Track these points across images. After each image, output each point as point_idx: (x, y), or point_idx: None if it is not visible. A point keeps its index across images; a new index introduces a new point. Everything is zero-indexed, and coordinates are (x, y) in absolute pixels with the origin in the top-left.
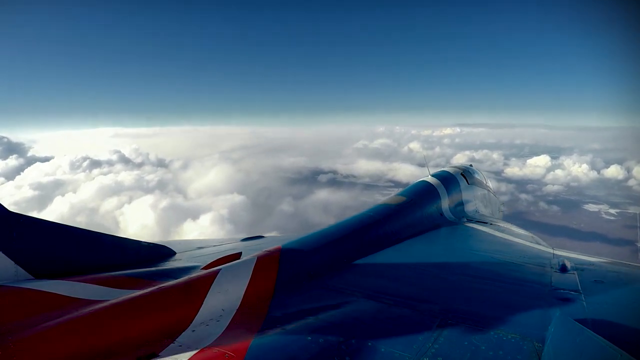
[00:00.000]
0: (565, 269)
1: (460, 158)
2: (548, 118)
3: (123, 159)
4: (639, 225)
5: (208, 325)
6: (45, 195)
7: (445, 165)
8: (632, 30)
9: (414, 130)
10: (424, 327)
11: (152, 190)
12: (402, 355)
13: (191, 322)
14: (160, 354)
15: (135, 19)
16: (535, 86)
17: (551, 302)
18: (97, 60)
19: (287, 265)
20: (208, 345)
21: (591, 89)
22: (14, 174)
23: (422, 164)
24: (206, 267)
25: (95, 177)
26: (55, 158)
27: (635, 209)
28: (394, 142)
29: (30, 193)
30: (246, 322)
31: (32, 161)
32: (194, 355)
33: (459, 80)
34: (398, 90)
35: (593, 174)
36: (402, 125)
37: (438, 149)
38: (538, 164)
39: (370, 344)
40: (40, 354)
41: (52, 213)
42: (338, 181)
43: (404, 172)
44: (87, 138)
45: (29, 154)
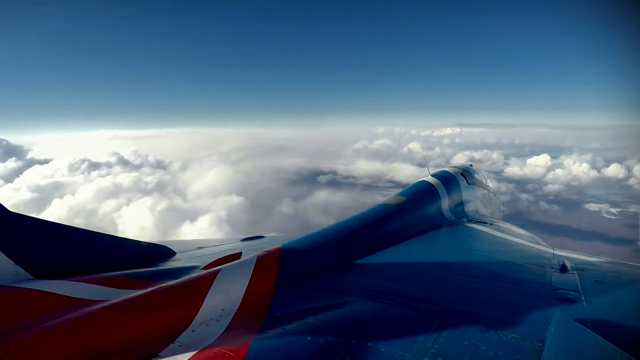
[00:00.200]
0: (565, 269)
1: (460, 158)
2: (548, 117)
3: (122, 161)
4: None
5: (208, 325)
6: (44, 197)
7: (445, 165)
8: (632, 29)
9: (413, 131)
10: (424, 327)
11: (150, 192)
12: (402, 355)
13: (191, 322)
14: (160, 354)
15: (135, 21)
16: (535, 86)
17: (551, 302)
18: (97, 62)
19: (287, 265)
20: (208, 345)
21: (591, 88)
22: (13, 176)
23: (422, 164)
24: (206, 267)
25: (94, 179)
26: (54, 160)
27: (636, 208)
28: (394, 142)
29: (28, 195)
30: (246, 322)
31: (31, 164)
32: (194, 355)
33: (458, 80)
34: (398, 91)
35: (593, 173)
36: (402, 126)
37: (438, 149)
38: (538, 163)
39: (370, 344)
40: (40, 354)
41: (50, 215)
42: (338, 182)
43: (404, 172)
44: (86, 140)
45: (28, 156)
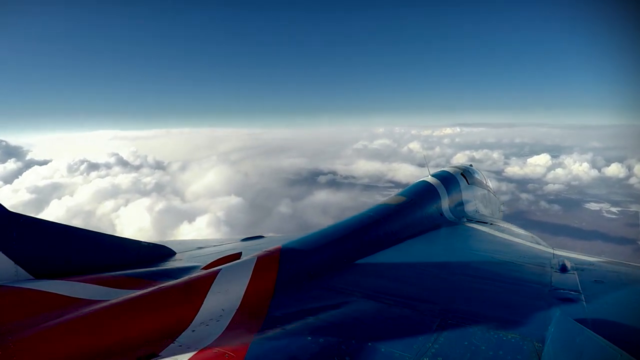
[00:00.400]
0: (565, 269)
1: (460, 158)
2: (548, 117)
3: (121, 162)
4: None
5: (208, 325)
6: (42, 198)
7: (445, 165)
8: (632, 29)
9: (413, 131)
10: (424, 327)
11: (149, 192)
12: (402, 355)
13: (191, 322)
14: (160, 354)
15: (134, 21)
16: (535, 85)
17: (551, 302)
18: (97, 62)
19: (287, 265)
20: (208, 345)
21: (591, 87)
22: (12, 177)
23: (422, 164)
24: (206, 267)
25: (93, 180)
26: (54, 161)
27: (636, 207)
28: (394, 142)
29: (27, 196)
30: (246, 322)
31: (30, 164)
32: (194, 355)
33: (459, 80)
34: (398, 91)
35: (594, 173)
36: (402, 126)
37: (438, 149)
38: (538, 163)
39: (370, 344)
40: (40, 354)
41: (49, 216)
42: (337, 182)
43: (404, 172)
44: (85, 141)
45: (27, 157)
